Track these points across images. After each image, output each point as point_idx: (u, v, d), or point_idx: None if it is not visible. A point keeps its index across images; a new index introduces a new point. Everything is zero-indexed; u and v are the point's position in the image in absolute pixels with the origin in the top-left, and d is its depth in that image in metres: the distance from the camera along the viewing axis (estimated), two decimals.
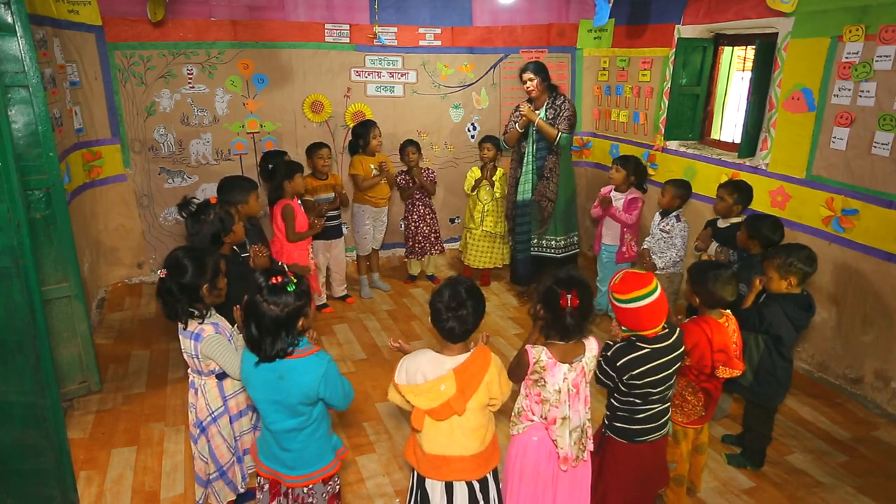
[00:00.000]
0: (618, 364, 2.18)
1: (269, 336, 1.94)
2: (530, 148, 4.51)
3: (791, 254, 2.75)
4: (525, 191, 4.57)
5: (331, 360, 2.03)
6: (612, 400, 2.33)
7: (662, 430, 2.34)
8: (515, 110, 4.59)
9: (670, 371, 2.23)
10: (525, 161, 4.55)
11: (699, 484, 2.81)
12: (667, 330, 2.21)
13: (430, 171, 4.99)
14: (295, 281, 1.95)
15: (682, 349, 2.27)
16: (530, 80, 4.39)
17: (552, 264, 4.64)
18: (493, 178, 4.85)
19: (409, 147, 4.84)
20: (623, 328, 2.23)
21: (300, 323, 1.98)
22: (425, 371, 1.99)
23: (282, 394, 1.97)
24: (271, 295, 1.92)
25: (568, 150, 4.54)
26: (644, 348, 2.17)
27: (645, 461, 2.35)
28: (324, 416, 2.08)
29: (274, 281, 1.93)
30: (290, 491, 2.11)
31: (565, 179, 4.53)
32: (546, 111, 4.45)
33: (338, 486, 2.19)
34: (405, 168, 4.91)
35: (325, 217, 4.35)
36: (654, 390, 2.22)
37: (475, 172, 4.90)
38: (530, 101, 4.55)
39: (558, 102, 4.45)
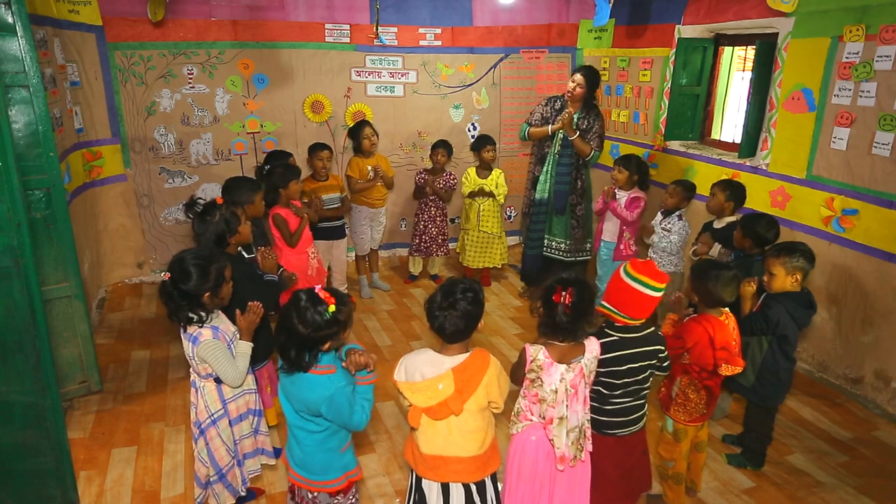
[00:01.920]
0: None
1: (293, 349, 1.94)
2: (553, 149, 4.51)
3: (796, 249, 2.77)
4: (542, 190, 4.58)
5: (343, 386, 1.96)
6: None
7: (634, 426, 2.34)
8: (549, 103, 4.54)
9: (641, 364, 2.24)
10: (546, 161, 4.55)
11: (699, 483, 2.81)
12: (641, 323, 2.24)
13: (452, 177, 4.98)
14: (333, 309, 1.90)
15: (657, 347, 2.27)
16: (579, 86, 4.34)
17: (561, 266, 4.66)
18: (489, 180, 4.82)
19: (439, 149, 4.86)
20: (603, 303, 2.26)
21: (327, 345, 1.96)
22: (424, 370, 1.99)
23: (288, 395, 2.01)
24: (304, 313, 1.89)
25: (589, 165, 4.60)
26: (612, 336, 2.23)
27: (617, 456, 2.35)
28: (336, 431, 2.05)
29: (324, 298, 1.92)
30: (297, 489, 2.13)
31: (588, 191, 4.63)
32: (578, 119, 4.43)
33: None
34: (428, 167, 4.92)
35: (319, 210, 4.29)
36: (624, 381, 2.24)
37: (471, 175, 4.89)
38: (560, 101, 4.51)
39: (592, 115, 4.43)
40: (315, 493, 2.09)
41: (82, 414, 3.34)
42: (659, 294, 2.17)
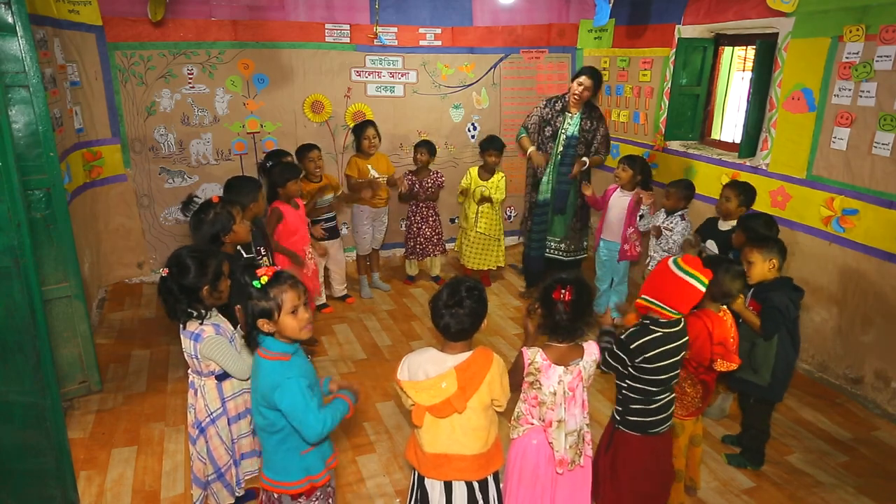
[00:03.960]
0: (632, 347, 2.19)
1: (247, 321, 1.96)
2: (556, 149, 4.49)
3: (769, 238, 2.88)
4: (546, 191, 4.57)
5: (296, 377, 1.88)
6: (626, 392, 2.31)
7: (670, 420, 2.37)
8: (549, 104, 4.52)
9: (678, 358, 2.26)
10: (549, 162, 4.53)
11: (699, 480, 2.82)
12: (679, 317, 2.24)
13: (439, 175, 4.97)
14: (264, 281, 1.90)
15: (686, 339, 2.29)
16: (586, 90, 4.32)
17: (559, 266, 4.66)
18: (490, 182, 4.80)
19: (420, 148, 4.84)
20: (646, 297, 2.23)
21: (261, 323, 1.92)
22: (427, 369, 1.99)
23: (253, 387, 1.98)
24: (239, 275, 1.94)
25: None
26: (657, 332, 2.21)
27: (656, 454, 2.36)
28: (293, 430, 1.95)
29: (258, 272, 1.92)
30: (265, 491, 2.09)
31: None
32: (581, 119, 4.41)
33: None
34: (414, 168, 4.91)
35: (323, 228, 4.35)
36: (666, 376, 2.25)
37: (472, 174, 4.87)
38: (562, 100, 4.48)
39: (595, 115, 4.44)
40: (278, 495, 2.04)
41: (82, 414, 3.34)
42: (704, 289, 2.16)
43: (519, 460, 2.19)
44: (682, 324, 2.28)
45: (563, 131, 4.43)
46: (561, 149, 4.47)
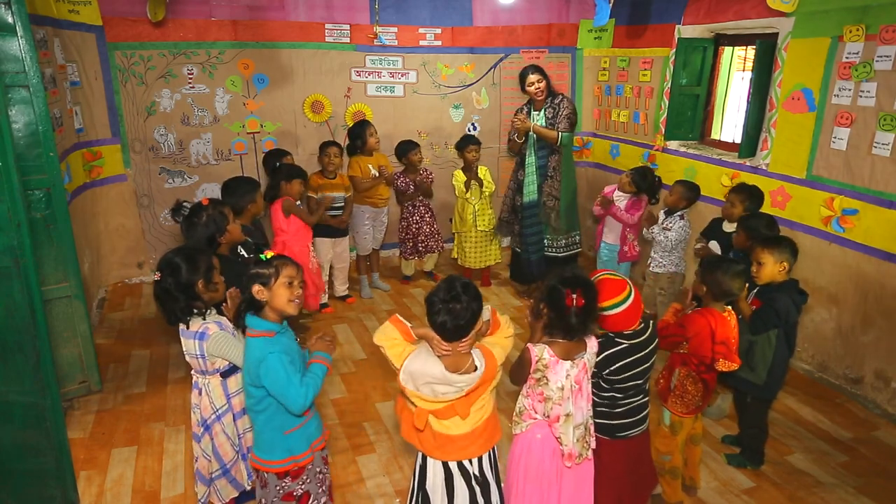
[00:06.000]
0: (597, 360, 2.21)
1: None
2: (531, 149, 4.52)
3: (783, 240, 2.86)
4: (531, 192, 4.57)
5: (278, 352, 1.97)
6: (592, 397, 2.34)
7: (643, 424, 2.36)
8: (518, 114, 4.59)
9: (648, 364, 2.27)
10: (527, 162, 4.56)
11: (698, 479, 2.82)
12: (642, 325, 2.25)
13: (429, 173, 4.98)
14: (266, 257, 2.06)
15: (656, 342, 2.29)
16: (539, 81, 4.41)
17: (555, 263, 4.64)
18: (479, 177, 4.82)
19: (410, 149, 4.84)
20: (600, 329, 2.25)
21: (256, 289, 2.03)
22: (435, 388, 1.99)
23: (244, 367, 2.07)
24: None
25: (569, 149, 4.57)
26: (622, 343, 2.22)
27: (629, 458, 2.36)
28: (277, 409, 2.04)
29: (265, 252, 2.10)
30: (256, 470, 2.18)
31: (567, 178, 4.58)
32: (545, 111, 4.47)
33: (300, 490, 2.14)
34: (403, 169, 4.91)
35: (326, 207, 4.37)
36: (635, 383, 2.26)
37: (459, 175, 4.88)
38: (529, 103, 4.56)
39: (556, 101, 4.48)
40: (266, 474, 2.11)
41: (82, 414, 3.34)
42: (630, 301, 2.16)
43: (524, 456, 2.19)
44: (649, 330, 2.27)
45: (526, 132, 4.49)
46: (534, 147, 4.51)
